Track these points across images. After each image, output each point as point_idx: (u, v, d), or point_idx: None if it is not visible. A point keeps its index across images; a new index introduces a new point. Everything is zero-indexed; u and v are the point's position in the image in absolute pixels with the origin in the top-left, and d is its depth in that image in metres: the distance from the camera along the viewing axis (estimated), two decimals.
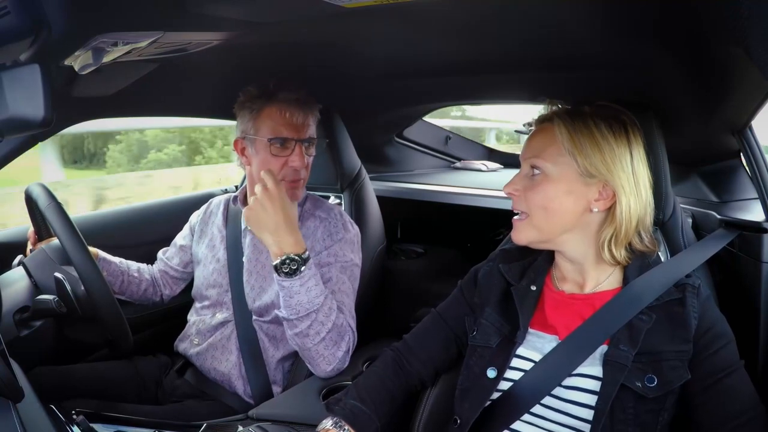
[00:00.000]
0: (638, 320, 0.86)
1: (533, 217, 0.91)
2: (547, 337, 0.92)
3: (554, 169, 0.89)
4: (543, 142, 0.91)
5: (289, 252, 1.09)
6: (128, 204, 1.89)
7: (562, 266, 0.97)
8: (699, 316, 0.85)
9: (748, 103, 1.04)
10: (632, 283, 0.90)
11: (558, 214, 0.89)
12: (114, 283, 1.40)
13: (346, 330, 1.17)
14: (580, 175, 0.88)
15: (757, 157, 1.14)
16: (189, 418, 1.19)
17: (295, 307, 1.10)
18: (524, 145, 0.95)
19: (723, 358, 0.83)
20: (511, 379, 0.90)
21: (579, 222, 0.90)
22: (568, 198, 0.89)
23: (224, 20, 0.86)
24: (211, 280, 1.38)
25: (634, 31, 0.89)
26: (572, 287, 0.96)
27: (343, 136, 1.58)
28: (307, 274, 1.10)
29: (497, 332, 0.95)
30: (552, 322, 0.93)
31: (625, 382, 0.81)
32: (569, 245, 0.93)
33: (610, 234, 0.90)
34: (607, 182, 0.88)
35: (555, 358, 0.88)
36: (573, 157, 0.88)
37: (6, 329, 1.02)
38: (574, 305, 0.93)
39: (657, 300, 0.87)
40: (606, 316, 0.87)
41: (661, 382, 0.81)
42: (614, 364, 0.83)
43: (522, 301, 0.95)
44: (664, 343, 0.84)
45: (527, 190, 0.91)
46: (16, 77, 0.58)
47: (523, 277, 1.00)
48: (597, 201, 0.89)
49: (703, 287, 0.89)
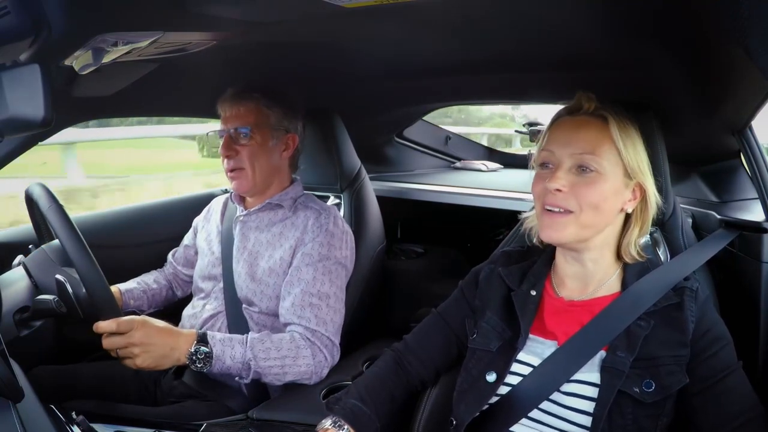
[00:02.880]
0: (636, 326, 0.85)
1: (582, 215, 0.86)
2: (547, 343, 0.91)
3: (609, 168, 0.86)
4: (596, 138, 0.86)
5: (187, 349, 1.10)
6: (128, 204, 1.89)
7: (564, 269, 0.96)
8: (697, 319, 0.84)
9: (748, 103, 1.04)
10: (631, 288, 0.89)
11: (605, 214, 0.87)
12: (142, 305, 1.45)
13: (298, 341, 1.20)
14: (624, 175, 0.87)
15: (757, 157, 1.13)
16: (189, 418, 1.19)
17: (237, 371, 1.15)
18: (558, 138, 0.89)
19: (721, 360, 0.83)
20: (509, 384, 0.90)
21: (612, 222, 0.90)
22: (614, 197, 0.87)
23: (224, 20, 0.86)
24: (206, 272, 1.41)
25: (634, 31, 0.89)
26: (571, 293, 0.95)
27: (343, 136, 1.58)
28: (218, 349, 1.13)
29: (498, 337, 0.94)
30: (551, 328, 0.92)
31: (622, 387, 0.81)
32: (594, 246, 0.91)
33: (637, 233, 0.91)
34: (640, 183, 0.88)
35: (553, 363, 0.87)
36: (624, 158, 0.86)
37: (6, 329, 1.01)
38: (573, 312, 0.92)
39: (655, 305, 0.86)
40: (604, 321, 0.87)
41: (658, 387, 0.81)
42: (612, 370, 0.83)
43: (523, 307, 0.94)
44: (661, 348, 0.83)
45: (576, 186, 0.86)
46: (16, 77, 0.58)
47: (522, 281, 0.99)
48: (629, 202, 0.89)
49: (701, 289, 0.89)
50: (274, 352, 1.16)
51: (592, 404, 0.82)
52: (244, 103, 1.30)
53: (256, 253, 1.33)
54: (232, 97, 1.32)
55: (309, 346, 1.20)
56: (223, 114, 1.32)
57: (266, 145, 1.32)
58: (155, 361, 1.06)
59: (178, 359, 1.09)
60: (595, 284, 0.93)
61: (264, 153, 1.32)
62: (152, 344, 1.06)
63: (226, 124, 1.31)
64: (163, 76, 1.19)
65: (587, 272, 0.93)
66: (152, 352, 1.05)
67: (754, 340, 1.08)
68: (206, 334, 1.14)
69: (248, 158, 1.30)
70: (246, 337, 1.17)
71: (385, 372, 1.04)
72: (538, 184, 0.90)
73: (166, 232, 1.74)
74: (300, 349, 1.19)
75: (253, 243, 1.35)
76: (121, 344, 1.04)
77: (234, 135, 1.30)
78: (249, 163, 1.30)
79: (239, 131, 1.30)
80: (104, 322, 1.03)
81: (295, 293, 1.24)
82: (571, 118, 0.90)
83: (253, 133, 1.30)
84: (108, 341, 1.04)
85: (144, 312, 1.45)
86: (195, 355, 1.10)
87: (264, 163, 1.32)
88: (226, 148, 1.30)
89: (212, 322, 1.34)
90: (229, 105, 1.31)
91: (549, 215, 0.88)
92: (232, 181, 1.33)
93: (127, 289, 1.43)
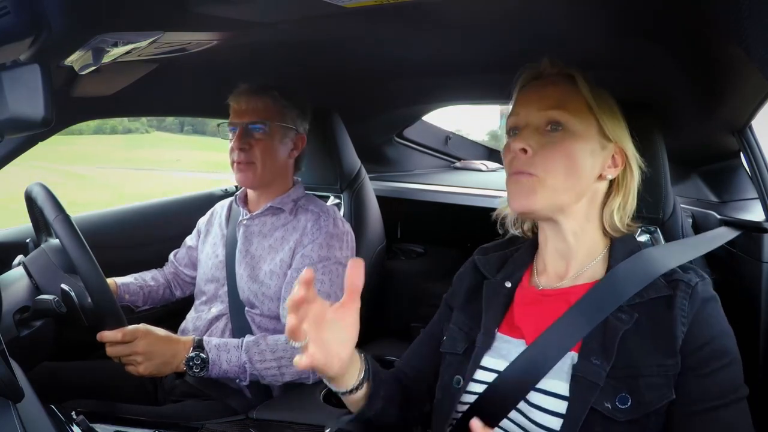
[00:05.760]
0: (616, 319, 0.72)
1: (549, 178, 0.76)
2: (514, 342, 0.79)
3: (580, 125, 0.77)
4: (564, 94, 0.78)
5: (185, 355, 1.12)
6: (129, 204, 1.89)
7: (547, 249, 0.84)
8: (690, 322, 0.70)
9: (748, 103, 1.04)
10: (613, 270, 0.77)
11: (577, 176, 0.77)
12: (137, 300, 1.45)
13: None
14: (600, 136, 0.78)
15: (757, 157, 1.13)
16: (189, 418, 1.19)
17: (234, 374, 1.16)
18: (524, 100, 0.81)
19: (719, 383, 0.68)
20: (474, 392, 0.78)
21: (590, 189, 0.79)
22: (590, 159, 0.77)
23: (224, 20, 0.86)
24: (210, 275, 1.41)
25: (634, 31, 0.89)
26: (550, 279, 0.83)
27: (343, 136, 1.58)
28: (214, 354, 1.15)
29: (465, 337, 0.84)
30: (519, 323, 0.80)
31: (592, 402, 0.68)
32: (574, 217, 0.80)
33: (618, 203, 0.81)
34: (621, 149, 0.80)
35: (518, 367, 0.74)
36: (596, 116, 0.78)
37: (6, 329, 1.01)
38: (546, 302, 0.80)
39: (641, 296, 0.73)
40: (579, 313, 0.74)
41: (635, 403, 0.68)
42: (583, 381, 0.70)
43: (490, 299, 0.83)
44: (643, 354, 0.70)
45: (544, 148, 0.76)
46: (16, 77, 0.58)
47: (500, 270, 0.88)
48: (610, 168, 0.79)
49: (703, 288, 0.73)
50: (269, 354, 1.17)
51: (560, 421, 0.70)
52: (262, 99, 1.31)
53: (259, 257, 1.34)
54: (250, 92, 1.32)
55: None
56: (238, 107, 1.31)
57: (279, 143, 1.33)
58: (157, 369, 1.09)
59: (178, 366, 1.12)
60: (577, 265, 0.81)
61: (275, 150, 1.33)
62: (154, 353, 1.08)
63: (241, 118, 1.31)
64: (163, 76, 1.19)
65: (569, 248, 0.81)
66: (154, 360, 1.09)
67: (754, 340, 1.08)
68: (202, 340, 1.15)
69: (261, 153, 1.31)
70: (242, 340, 1.18)
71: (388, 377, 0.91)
72: (507, 152, 0.80)
73: (166, 232, 1.74)
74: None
75: (256, 247, 1.35)
76: (124, 352, 1.07)
77: (249, 129, 1.30)
78: (260, 158, 1.31)
79: (255, 125, 1.30)
80: (109, 332, 1.06)
81: None
82: (537, 81, 0.83)
83: (269, 129, 1.31)
84: (112, 349, 1.07)
85: (139, 308, 1.46)
86: (192, 361, 1.13)
87: (274, 160, 1.33)
88: (240, 140, 1.29)
89: (216, 324, 1.34)
90: (246, 99, 1.31)
91: (516, 182, 0.79)
92: (239, 173, 1.32)
93: (123, 282, 1.43)
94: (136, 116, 1.51)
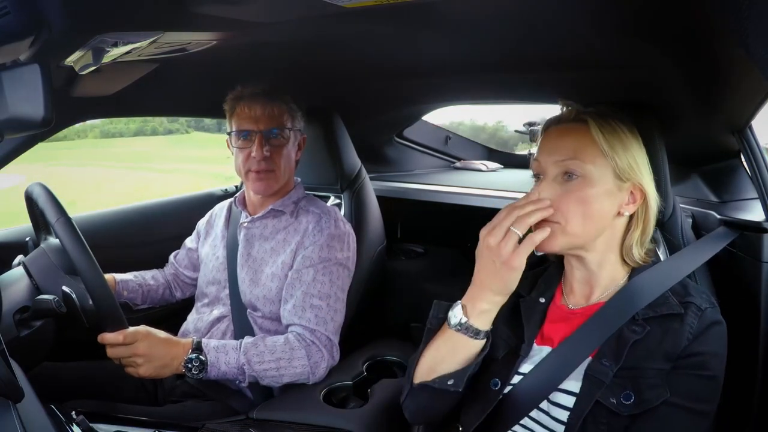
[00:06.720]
0: (630, 331, 0.82)
1: (569, 225, 0.83)
2: (545, 350, 0.90)
3: (595, 171, 0.83)
4: (578, 142, 0.85)
5: (183, 357, 1.12)
6: (129, 204, 1.89)
7: (573, 276, 0.94)
8: (694, 336, 0.80)
9: (748, 103, 1.04)
10: (626, 286, 0.87)
11: (595, 220, 0.84)
12: (136, 298, 1.45)
13: (292, 342, 1.21)
14: (615, 177, 0.85)
15: (757, 157, 1.13)
16: (190, 418, 1.19)
17: (233, 375, 1.16)
18: (545, 148, 0.88)
19: (690, 386, 0.78)
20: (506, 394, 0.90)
21: (609, 226, 0.87)
22: (605, 201, 0.84)
23: (224, 20, 0.86)
24: (211, 277, 1.41)
25: (634, 31, 0.89)
26: (578, 299, 0.93)
27: (343, 136, 1.58)
28: (213, 356, 1.14)
29: (505, 345, 0.93)
30: (549, 335, 0.91)
31: (600, 398, 0.79)
32: (596, 250, 0.89)
33: (637, 237, 0.88)
34: (637, 185, 0.86)
35: (543, 370, 0.86)
36: (611, 159, 0.84)
37: (6, 329, 1.01)
38: (573, 319, 0.90)
39: (655, 311, 0.83)
40: (594, 325, 0.84)
41: (638, 400, 0.78)
42: (593, 378, 0.81)
43: (529, 314, 0.93)
44: (647, 359, 0.80)
45: (561, 197, 0.84)
46: (16, 77, 0.58)
47: (533, 288, 0.98)
48: (627, 205, 0.86)
49: (712, 313, 0.82)
50: (267, 356, 1.17)
51: (566, 413, 0.81)
52: (276, 104, 1.30)
53: (261, 260, 1.34)
54: (263, 97, 1.29)
55: (304, 347, 1.20)
56: (252, 112, 1.28)
57: (292, 147, 1.34)
58: (156, 371, 1.10)
59: (177, 368, 1.12)
60: (601, 289, 0.91)
61: (291, 155, 1.34)
62: (154, 355, 1.09)
63: (257, 124, 1.28)
64: (163, 76, 1.19)
65: (592, 276, 0.91)
66: (154, 362, 1.09)
67: (754, 340, 1.08)
68: (201, 342, 1.15)
69: (280, 160, 1.30)
70: (240, 342, 1.18)
71: None
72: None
73: (166, 232, 1.74)
74: (294, 351, 1.19)
75: (257, 250, 1.35)
76: (125, 354, 1.07)
77: (267, 135, 1.28)
78: (280, 164, 1.30)
79: (272, 132, 1.29)
80: (110, 334, 1.06)
81: (296, 295, 1.24)
82: (557, 126, 0.90)
83: (285, 135, 1.31)
84: (113, 351, 1.07)
85: (137, 306, 1.46)
86: (190, 363, 1.13)
87: (289, 164, 1.34)
88: (261, 148, 1.27)
89: (218, 326, 1.34)
90: (262, 104, 1.28)
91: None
92: (258, 182, 1.30)
93: (122, 279, 1.43)
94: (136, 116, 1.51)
